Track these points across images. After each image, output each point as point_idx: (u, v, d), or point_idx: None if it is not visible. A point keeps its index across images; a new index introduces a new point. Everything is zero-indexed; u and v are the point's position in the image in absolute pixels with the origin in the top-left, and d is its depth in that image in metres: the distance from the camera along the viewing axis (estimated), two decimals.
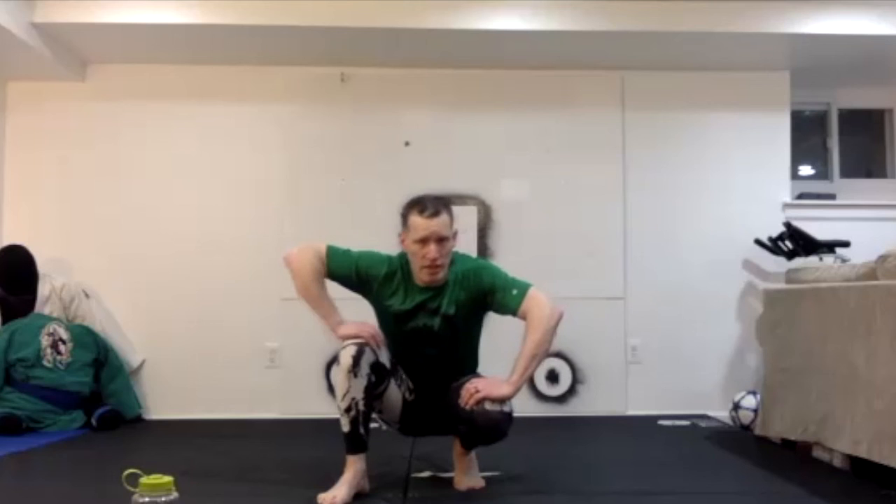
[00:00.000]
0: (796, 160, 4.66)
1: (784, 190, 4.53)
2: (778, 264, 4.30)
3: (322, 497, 2.37)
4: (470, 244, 4.31)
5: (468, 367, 2.65)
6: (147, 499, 1.83)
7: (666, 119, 4.54)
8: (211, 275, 4.36)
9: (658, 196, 4.49)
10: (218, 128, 4.45)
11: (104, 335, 4.15)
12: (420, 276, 2.52)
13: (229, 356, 4.33)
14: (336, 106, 4.46)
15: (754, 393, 3.86)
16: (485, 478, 2.64)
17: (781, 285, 3.79)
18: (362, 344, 2.41)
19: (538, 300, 2.48)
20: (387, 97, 4.48)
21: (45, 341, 3.90)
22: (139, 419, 4.17)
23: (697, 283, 4.44)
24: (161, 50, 4.26)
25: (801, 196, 4.61)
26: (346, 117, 4.46)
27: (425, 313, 2.54)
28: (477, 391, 2.38)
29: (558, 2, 3.97)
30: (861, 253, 3.61)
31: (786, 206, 4.49)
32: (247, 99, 4.46)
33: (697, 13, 3.95)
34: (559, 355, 4.37)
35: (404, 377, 2.61)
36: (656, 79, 4.52)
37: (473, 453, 2.64)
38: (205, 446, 3.44)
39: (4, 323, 4.01)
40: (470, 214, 4.40)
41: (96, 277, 4.33)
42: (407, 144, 4.46)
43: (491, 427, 2.42)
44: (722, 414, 4.17)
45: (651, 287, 4.44)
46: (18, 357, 3.84)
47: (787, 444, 3.31)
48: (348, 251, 2.59)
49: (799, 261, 4.16)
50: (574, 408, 4.37)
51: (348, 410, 2.40)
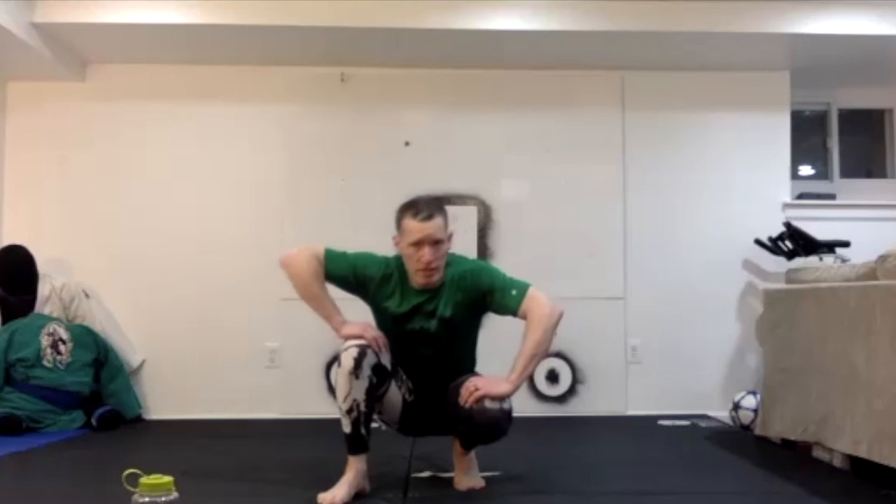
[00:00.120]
0: (796, 160, 4.66)
1: (784, 190, 4.53)
2: (778, 264, 4.30)
3: (322, 497, 2.37)
4: (470, 244, 4.32)
5: (466, 367, 2.65)
6: (147, 499, 1.83)
7: (666, 119, 4.54)
8: (211, 275, 4.36)
9: (658, 196, 4.49)
10: (218, 128, 4.45)
11: (104, 335, 4.16)
12: (415, 279, 2.51)
13: (229, 356, 4.33)
14: (336, 106, 4.46)
15: (754, 393, 3.86)
16: (485, 478, 2.64)
17: (781, 285, 3.79)
18: (364, 346, 2.40)
19: (538, 300, 2.47)
20: (387, 97, 4.48)
21: (45, 341, 3.90)
22: (139, 419, 4.17)
23: (697, 283, 4.44)
24: (161, 50, 4.26)
25: (801, 196, 4.61)
26: (346, 117, 4.46)
27: (422, 316, 2.54)
28: (476, 389, 2.38)
29: (558, 2, 3.97)
30: (861, 253, 3.61)
31: (786, 206, 4.49)
32: (247, 99, 4.46)
33: (697, 13, 3.96)
34: (559, 355, 4.37)
35: (404, 378, 2.61)
36: (656, 79, 4.52)
37: (473, 453, 2.63)
38: (205, 446, 3.44)
39: (4, 323, 4.01)
40: (470, 214, 4.40)
41: (96, 277, 4.34)
42: (407, 144, 4.46)
43: (490, 425, 2.41)
44: (722, 414, 4.17)
45: (651, 287, 4.44)
46: (18, 357, 3.84)
47: (787, 444, 3.31)
48: (345, 253, 2.58)
49: (799, 261, 4.16)
50: (574, 408, 4.37)
51: (350, 412, 2.39)
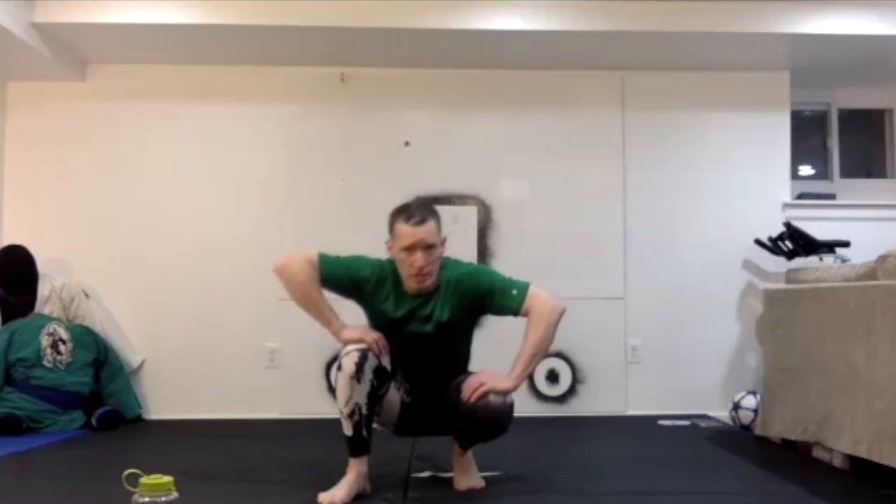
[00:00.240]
0: (796, 160, 4.66)
1: (784, 190, 4.53)
2: (778, 264, 4.30)
3: (322, 497, 2.37)
4: (470, 244, 4.32)
5: (462, 367, 2.65)
6: (147, 499, 1.83)
7: (666, 119, 4.54)
8: (211, 275, 4.36)
9: (658, 196, 4.49)
10: (218, 128, 4.45)
11: (104, 335, 4.15)
12: (408, 284, 2.50)
13: (229, 356, 4.33)
14: (336, 106, 4.46)
15: (754, 393, 3.86)
16: (485, 478, 2.64)
17: (781, 285, 3.79)
18: (365, 349, 2.39)
19: (540, 297, 2.47)
20: (387, 97, 4.48)
21: (45, 341, 3.90)
22: (139, 419, 4.17)
23: (697, 283, 4.44)
24: (161, 50, 4.26)
25: (801, 196, 4.61)
26: (346, 117, 4.46)
27: (417, 320, 2.52)
28: (481, 385, 2.38)
29: (558, 2, 3.97)
30: (861, 253, 3.61)
31: (786, 206, 4.49)
32: (247, 99, 4.46)
33: (697, 13, 3.96)
34: (559, 355, 4.37)
35: (402, 379, 2.61)
36: (656, 79, 4.52)
37: (471, 453, 2.63)
38: (205, 446, 3.44)
39: (4, 323, 4.01)
40: (470, 214, 4.40)
41: (96, 277, 4.34)
42: (407, 144, 4.46)
43: (493, 420, 2.41)
44: (722, 414, 4.17)
45: (651, 287, 4.44)
46: (18, 357, 3.84)
47: (787, 444, 3.31)
48: (338, 256, 2.56)
49: (799, 261, 4.16)
50: (574, 408, 4.37)
51: (351, 415, 2.39)
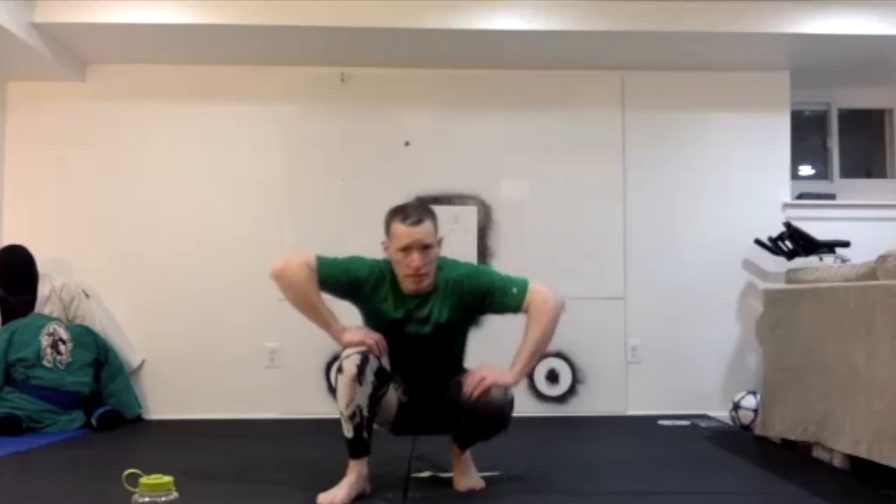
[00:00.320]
0: (796, 160, 4.66)
1: (784, 190, 4.53)
2: (778, 264, 4.30)
3: (322, 498, 2.37)
4: (470, 244, 4.32)
5: (458, 365, 2.65)
6: (147, 499, 1.83)
7: (666, 119, 4.54)
8: (211, 275, 4.36)
9: (658, 196, 4.49)
10: (218, 128, 4.45)
11: (104, 335, 4.15)
12: (405, 285, 2.49)
13: (229, 356, 4.33)
14: (336, 106, 4.46)
15: (754, 393, 3.85)
16: (485, 478, 2.64)
17: (781, 285, 3.79)
18: (366, 352, 2.39)
19: (540, 293, 2.47)
20: (387, 97, 4.48)
21: (45, 341, 3.90)
22: (139, 419, 4.17)
23: (697, 283, 4.44)
24: (161, 50, 4.26)
25: (801, 196, 4.61)
26: (346, 117, 4.46)
27: (416, 321, 2.52)
28: (483, 379, 2.37)
29: (558, 2, 3.97)
30: (861, 253, 3.61)
31: (786, 206, 4.49)
32: (247, 99, 4.46)
33: (697, 13, 3.96)
34: (559, 355, 4.37)
35: (399, 379, 2.60)
36: (656, 79, 4.52)
37: (469, 453, 2.63)
38: (205, 446, 3.44)
39: (4, 323, 4.01)
40: (470, 214, 4.40)
41: (96, 277, 4.34)
42: (407, 144, 4.46)
43: (495, 414, 2.42)
44: (722, 414, 4.17)
45: (651, 287, 4.44)
46: (18, 357, 3.84)
47: (787, 444, 3.31)
48: (336, 258, 2.54)
49: (799, 261, 4.16)
50: (574, 408, 4.37)
51: (352, 417, 2.39)
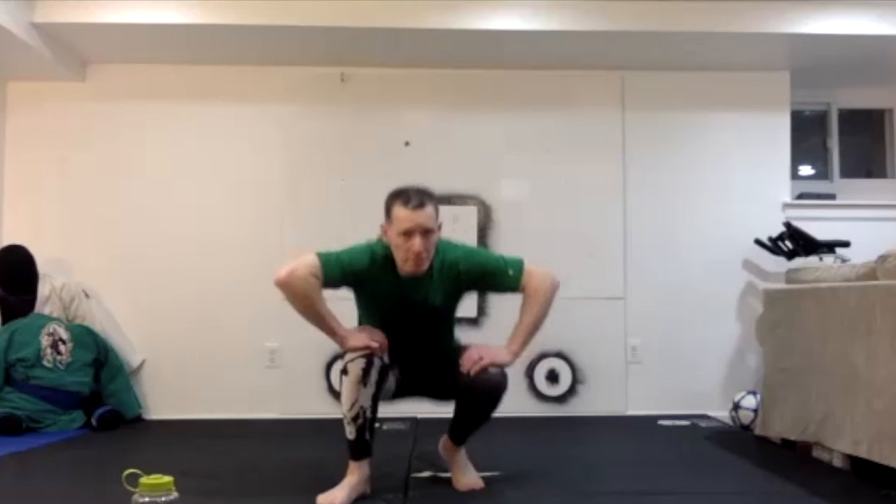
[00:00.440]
0: (796, 160, 4.66)
1: (784, 190, 4.53)
2: (778, 264, 4.30)
3: (321, 499, 2.38)
4: (470, 244, 4.30)
5: (449, 340, 2.70)
6: (147, 499, 1.83)
7: (666, 119, 4.54)
8: (211, 275, 4.36)
9: (658, 196, 4.49)
10: (218, 128, 4.45)
11: (104, 335, 4.15)
12: (403, 268, 2.49)
13: (229, 356, 4.33)
14: (336, 106, 4.46)
15: (754, 393, 3.85)
16: (485, 478, 2.64)
17: (781, 285, 3.79)
18: (370, 355, 2.40)
19: (536, 275, 2.53)
20: (387, 97, 4.48)
21: (45, 341, 3.90)
22: (139, 419, 4.17)
23: (697, 283, 4.43)
24: (161, 50, 4.26)
25: (801, 196, 4.61)
26: (346, 117, 4.46)
27: (411, 303, 2.53)
28: (480, 358, 2.43)
29: (558, 2, 3.97)
30: (861, 253, 3.61)
31: (786, 206, 4.49)
32: (247, 99, 4.46)
33: (697, 13, 3.96)
34: (559, 355, 4.37)
35: (395, 363, 2.58)
36: (656, 79, 4.52)
37: (464, 451, 2.64)
38: (205, 446, 3.44)
39: (4, 323, 4.01)
40: (470, 214, 4.40)
41: (96, 277, 4.34)
42: (407, 144, 4.46)
43: (492, 392, 2.47)
44: (722, 414, 4.17)
45: (651, 287, 4.44)
46: (18, 357, 3.84)
47: (787, 444, 3.31)
48: (336, 255, 2.48)
49: (799, 261, 4.16)
50: (574, 408, 4.37)
51: (356, 419, 2.40)
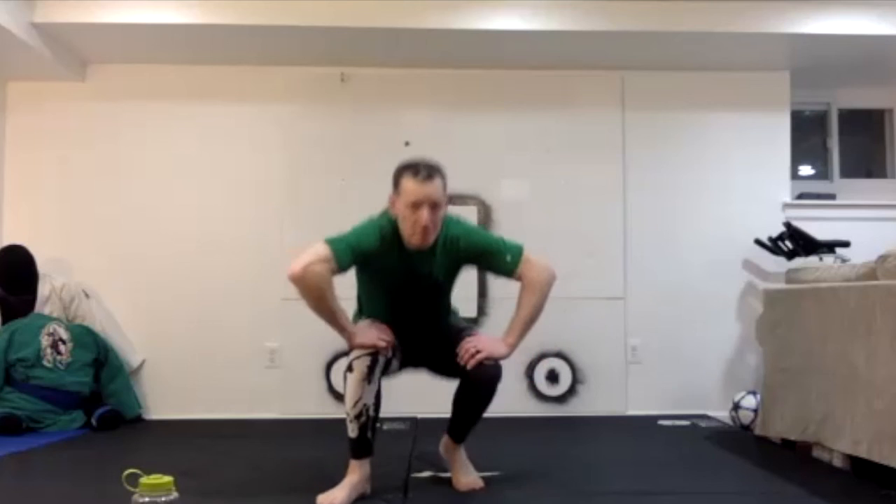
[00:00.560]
0: (796, 160, 4.66)
1: (784, 190, 4.53)
2: (778, 264, 4.30)
3: (321, 498, 2.37)
4: None
5: (446, 313, 2.71)
6: (147, 499, 1.84)
7: (666, 119, 4.54)
8: (211, 275, 4.36)
9: (658, 196, 4.49)
10: (218, 128, 4.45)
11: (104, 335, 4.15)
12: (410, 241, 2.48)
13: (229, 356, 4.33)
14: (336, 106, 4.46)
15: (754, 393, 3.86)
16: (485, 478, 2.64)
17: (781, 285, 3.79)
18: (375, 354, 2.40)
19: (533, 266, 2.53)
20: (387, 97, 4.48)
21: (45, 341, 3.90)
22: (139, 419, 4.17)
23: (697, 283, 4.43)
24: (161, 50, 4.26)
25: (801, 196, 4.61)
26: (346, 117, 4.46)
27: (416, 276, 2.53)
28: (478, 352, 2.42)
29: (558, 2, 3.97)
30: (861, 253, 3.61)
31: (786, 206, 4.49)
32: (247, 99, 4.46)
33: (697, 13, 3.96)
34: (559, 355, 4.37)
35: (397, 343, 2.54)
36: (656, 79, 4.52)
37: (464, 450, 2.65)
38: (205, 446, 3.44)
39: (4, 323, 4.01)
40: (470, 214, 4.39)
41: (96, 277, 4.34)
42: (407, 144, 4.45)
43: (488, 383, 2.48)
44: (722, 414, 4.17)
45: (651, 287, 4.44)
46: (18, 357, 3.84)
47: (787, 444, 3.31)
48: (346, 239, 2.44)
49: (799, 261, 4.16)
50: (574, 408, 4.37)
51: (359, 416, 2.40)
